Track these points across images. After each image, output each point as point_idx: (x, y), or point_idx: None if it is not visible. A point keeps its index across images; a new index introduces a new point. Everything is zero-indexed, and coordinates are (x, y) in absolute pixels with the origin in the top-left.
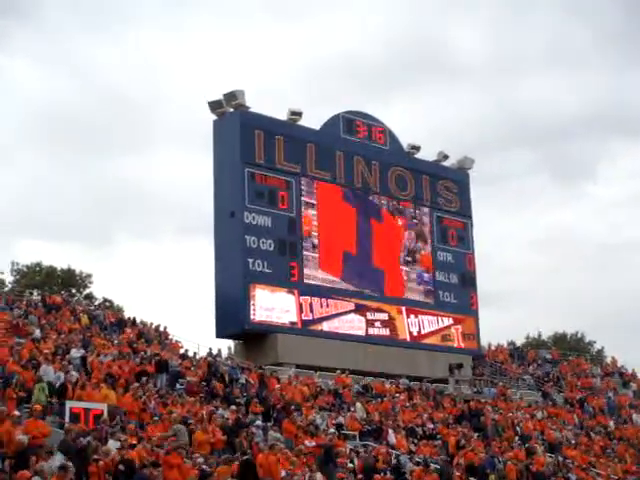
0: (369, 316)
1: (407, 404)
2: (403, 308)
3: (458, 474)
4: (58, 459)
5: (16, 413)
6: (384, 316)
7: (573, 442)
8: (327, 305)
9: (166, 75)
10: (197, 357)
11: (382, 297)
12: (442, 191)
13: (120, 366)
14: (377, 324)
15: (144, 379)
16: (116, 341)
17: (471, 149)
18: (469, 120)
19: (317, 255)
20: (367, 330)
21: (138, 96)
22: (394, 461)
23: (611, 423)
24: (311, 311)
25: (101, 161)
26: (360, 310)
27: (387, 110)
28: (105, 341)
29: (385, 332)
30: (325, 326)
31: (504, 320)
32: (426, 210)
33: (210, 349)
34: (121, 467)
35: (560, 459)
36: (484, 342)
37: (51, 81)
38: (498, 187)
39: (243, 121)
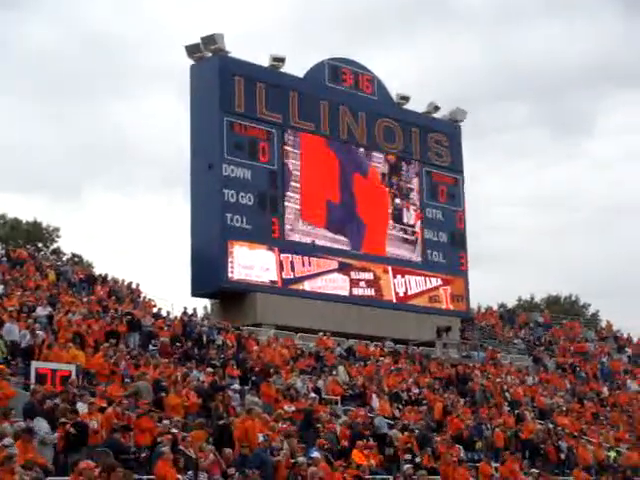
0: (353, 275)
1: (392, 368)
2: (389, 267)
3: (440, 439)
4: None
5: None
6: (369, 275)
7: (564, 409)
8: (309, 263)
9: (143, 17)
10: (171, 316)
11: (367, 256)
12: (432, 144)
13: (89, 325)
14: (362, 284)
15: (115, 339)
16: (85, 299)
17: (464, 101)
18: (462, 70)
19: (299, 207)
20: (351, 290)
21: (112, 40)
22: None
23: (604, 389)
24: (292, 270)
25: (73, 107)
26: (344, 269)
27: (376, 57)
28: (73, 299)
29: (370, 292)
30: (307, 285)
31: (495, 282)
32: (415, 164)
33: (185, 308)
34: (72, 430)
35: (550, 426)
36: (473, 304)
37: (24, 25)
38: (491, 141)
39: (222, 67)
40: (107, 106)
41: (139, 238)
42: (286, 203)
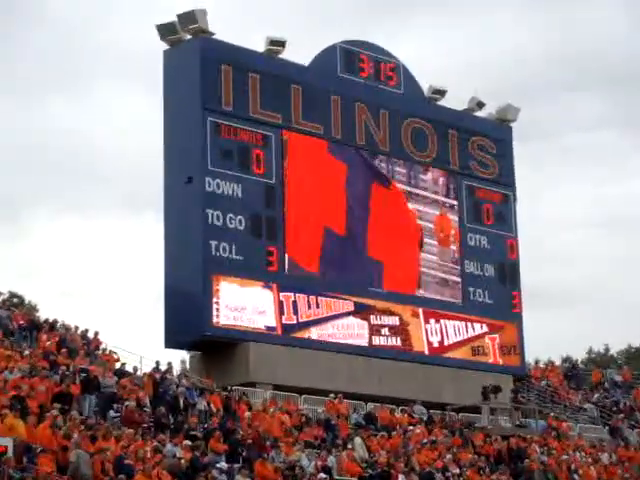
0: (373, 320)
1: (424, 441)
2: (420, 310)
3: None
4: None
5: None
6: (394, 320)
7: None
8: (317, 305)
9: None
10: (139, 374)
11: (392, 295)
12: (475, 152)
13: (32, 386)
14: (384, 331)
15: (65, 404)
16: (27, 351)
17: (515, 94)
18: (513, 56)
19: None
20: (371, 339)
21: (58, 18)
22: None
23: None
24: (295, 312)
25: (16, 103)
26: (361, 312)
27: (401, 39)
28: (11, 352)
29: (395, 342)
30: (314, 333)
31: (558, 328)
32: (452, 177)
33: (157, 363)
34: None
35: None
36: (530, 358)
37: None
38: (550, 146)
39: (205, 52)
40: (52, 105)
41: (97, 273)
42: (287, 226)
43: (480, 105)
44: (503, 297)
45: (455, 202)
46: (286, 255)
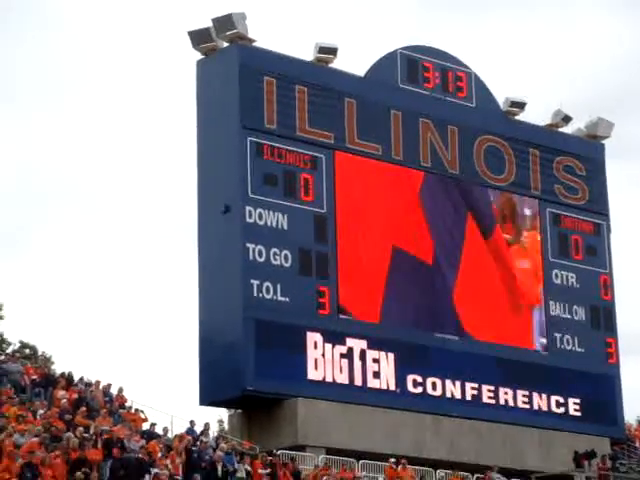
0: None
1: None
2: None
3: None
4: None
5: None
6: None
7: None
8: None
9: None
10: (170, 436)
11: (467, 341)
12: (561, 174)
13: (47, 451)
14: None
15: (85, 472)
16: (41, 410)
17: (607, 107)
18: (605, 61)
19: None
20: (442, 392)
21: (65, 19)
22: None
23: None
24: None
25: (17, 123)
26: None
27: (472, 45)
28: (23, 411)
29: (469, 397)
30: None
31: None
32: (534, 203)
33: (191, 423)
34: None
35: None
36: (630, 417)
37: None
38: None
39: (244, 62)
40: (56, 121)
41: (120, 319)
42: (340, 264)
43: (566, 119)
44: (596, 345)
45: (536, 233)
46: (339, 296)
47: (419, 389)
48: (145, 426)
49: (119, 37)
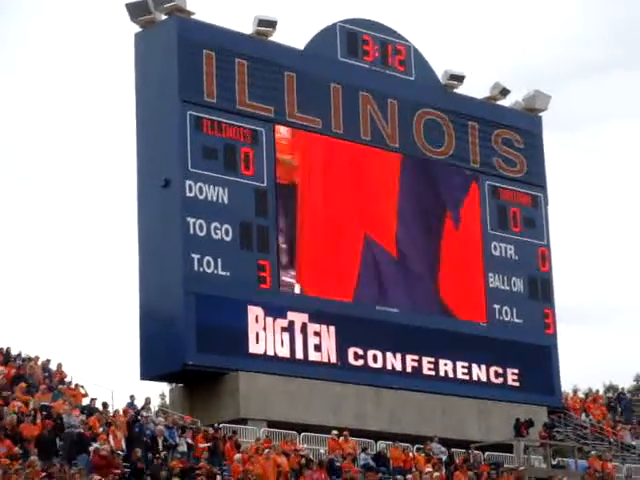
0: None
1: None
2: None
3: None
4: None
5: None
6: None
7: None
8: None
9: None
10: (111, 410)
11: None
12: (499, 146)
13: None
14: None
15: (23, 448)
16: None
17: (544, 79)
18: (542, 34)
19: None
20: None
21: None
22: None
23: None
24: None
25: None
26: None
27: (411, 18)
28: None
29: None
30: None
31: (599, 352)
32: (473, 176)
33: (132, 398)
34: None
35: None
36: (566, 387)
37: None
38: (587, 138)
39: (183, 35)
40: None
41: (60, 293)
42: (281, 238)
43: (504, 92)
44: (534, 316)
45: (475, 206)
46: (280, 271)
47: (360, 362)
48: (85, 401)
49: (58, 10)
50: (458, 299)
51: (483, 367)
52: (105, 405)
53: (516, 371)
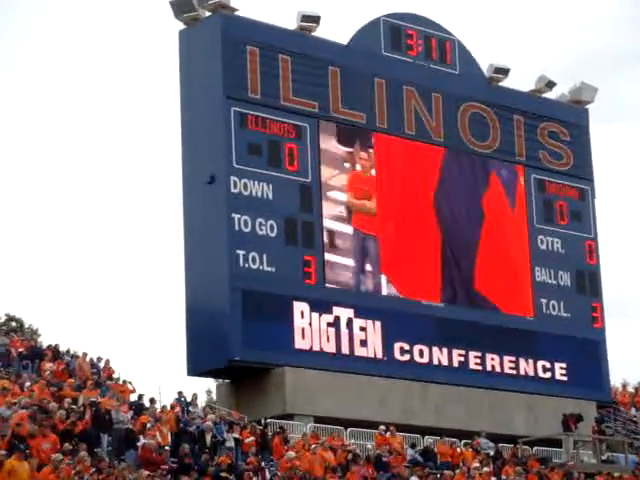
0: None
1: (492, 479)
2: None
3: None
4: None
5: None
6: None
7: None
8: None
9: None
10: (158, 407)
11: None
12: (545, 139)
13: (35, 423)
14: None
15: (72, 444)
16: (28, 383)
17: (591, 72)
18: (588, 26)
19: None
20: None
21: None
22: None
23: None
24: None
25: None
26: None
27: (455, 11)
28: (10, 383)
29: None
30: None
31: None
32: (519, 169)
33: (179, 394)
34: None
35: None
36: (615, 381)
37: None
38: (634, 128)
39: (227, 32)
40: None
41: (107, 291)
42: (325, 233)
43: (550, 85)
44: (582, 310)
45: (521, 199)
46: (325, 266)
47: (406, 357)
48: (133, 397)
49: (101, 9)
50: (505, 293)
51: (530, 361)
52: (152, 401)
53: (564, 365)
